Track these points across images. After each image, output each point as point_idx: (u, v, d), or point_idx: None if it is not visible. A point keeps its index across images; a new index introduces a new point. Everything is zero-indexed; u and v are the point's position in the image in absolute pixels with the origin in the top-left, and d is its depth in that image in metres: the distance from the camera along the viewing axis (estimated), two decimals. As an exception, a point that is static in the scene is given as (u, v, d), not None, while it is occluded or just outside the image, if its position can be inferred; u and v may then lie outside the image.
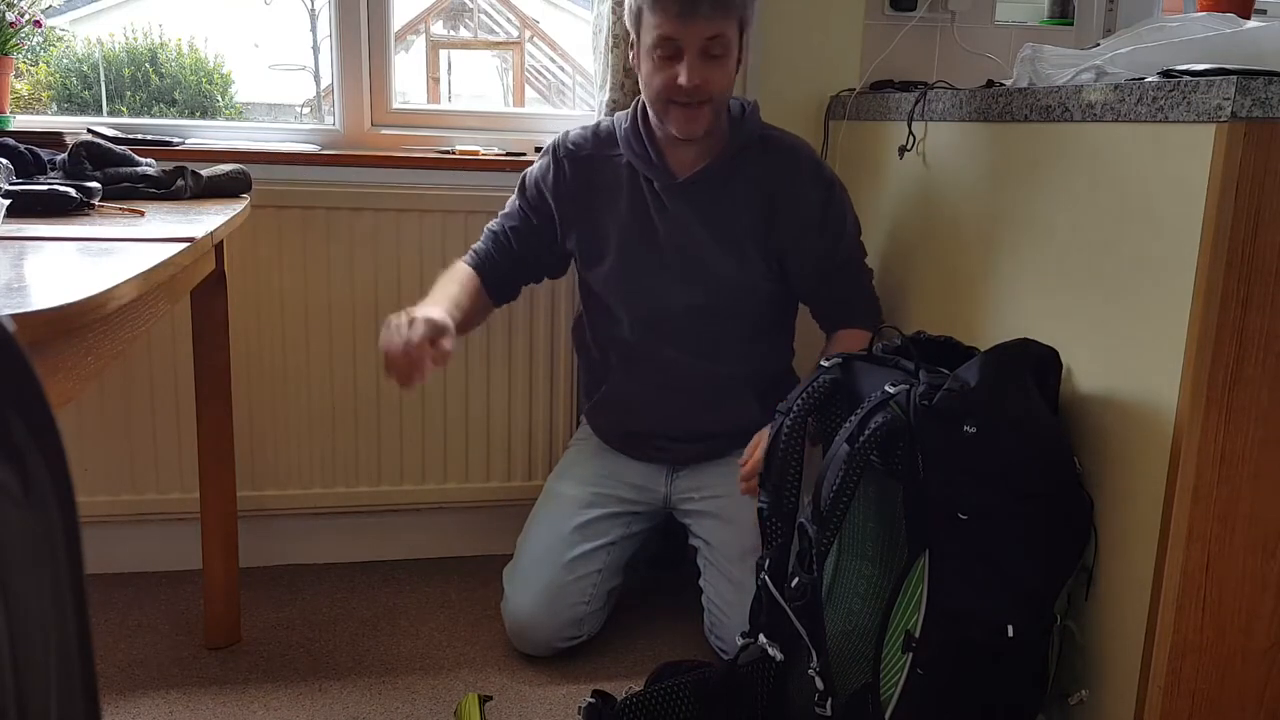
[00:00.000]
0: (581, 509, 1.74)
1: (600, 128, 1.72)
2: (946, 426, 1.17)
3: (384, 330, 1.43)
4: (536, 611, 1.68)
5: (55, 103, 2.54)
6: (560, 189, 1.70)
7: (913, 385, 1.22)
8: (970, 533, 1.17)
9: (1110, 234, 1.24)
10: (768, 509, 1.37)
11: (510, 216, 1.75)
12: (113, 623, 1.79)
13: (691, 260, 1.65)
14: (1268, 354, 1.11)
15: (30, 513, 0.40)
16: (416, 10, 3.13)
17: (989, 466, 1.17)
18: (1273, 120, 1.04)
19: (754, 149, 1.65)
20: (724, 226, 1.64)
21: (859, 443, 1.20)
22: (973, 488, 1.17)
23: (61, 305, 0.73)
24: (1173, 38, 1.29)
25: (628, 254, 1.67)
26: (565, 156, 1.70)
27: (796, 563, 1.26)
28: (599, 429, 1.84)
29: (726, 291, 1.67)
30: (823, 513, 1.22)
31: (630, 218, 1.67)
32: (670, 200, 1.64)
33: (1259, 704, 1.20)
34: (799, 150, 1.68)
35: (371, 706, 1.57)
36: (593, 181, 1.69)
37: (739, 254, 1.65)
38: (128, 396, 1.90)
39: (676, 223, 1.64)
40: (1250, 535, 1.15)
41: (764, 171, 1.65)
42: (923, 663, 1.17)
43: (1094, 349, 1.27)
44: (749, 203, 1.64)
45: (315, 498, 2.01)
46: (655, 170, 1.64)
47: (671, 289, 1.67)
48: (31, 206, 1.27)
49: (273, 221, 1.89)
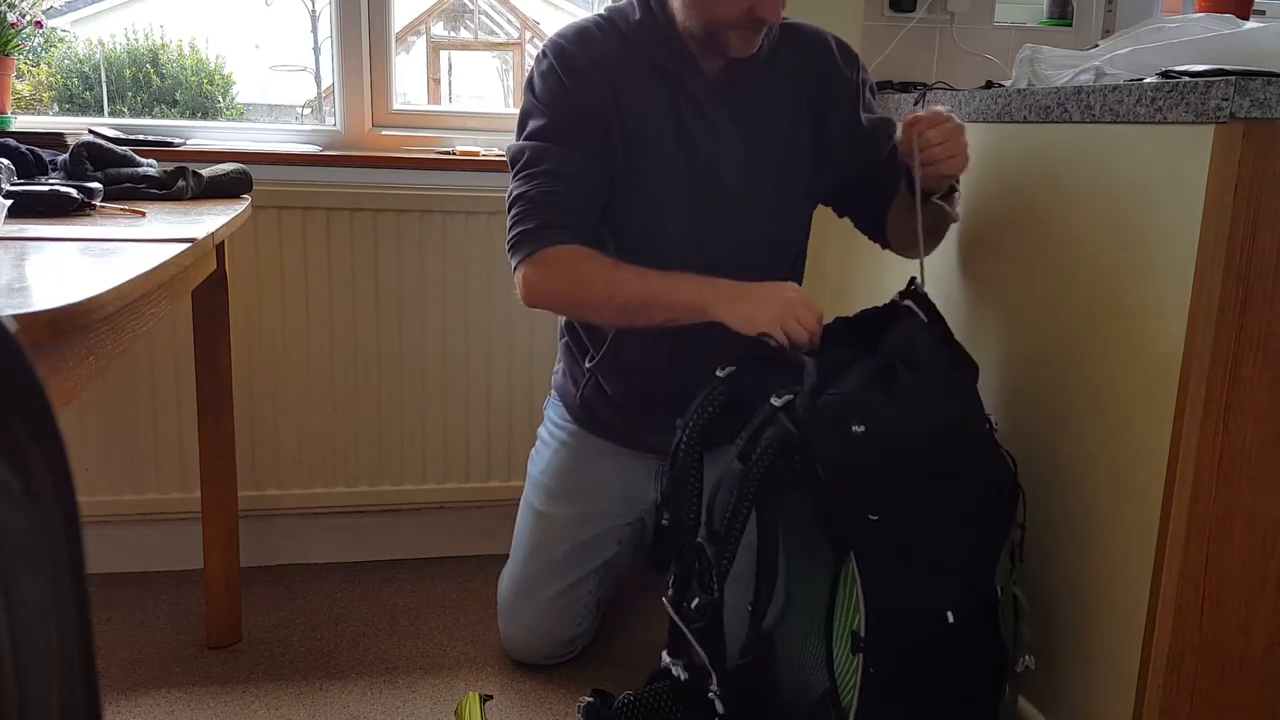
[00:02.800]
0: (570, 533, 1.66)
1: (603, 23, 1.44)
2: (835, 431, 1.15)
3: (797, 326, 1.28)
4: (530, 639, 1.68)
5: (56, 103, 2.54)
6: (598, 105, 1.39)
7: (797, 393, 1.19)
8: (885, 530, 1.14)
9: (1109, 234, 1.24)
10: (668, 527, 1.33)
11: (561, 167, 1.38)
12: (114, 622, 1.79)
13: (733, 177, 1.44)
14: (1266, 354, 1.11)
15: (31, 512, 0.40)
16: (417, 11, 3.13)
17: (886, 461, 1.15)
18: (1271, 121, 1.05)
19: (779, 43, 1.47)
20: (767, 130, 1.45)
21: (751, 460, 1.18)
22: (876, 485, 1.15)
23: (63, 306, 0.73)
24: (1171, 38, 1.29)
25: (667, 176, 1.42)
26: (590, 65, 1.39)
27: (696, 583, 1.22)
28: (594, 413, 1.63)
29: (769, 213, 1.47)
30: (719, 533, 1.19)
31: (665, 130, 1.41)
32: (706, 104, 1.42)
33: (1258, 703, 1.20)
34: (820, 33, 1.52)
35: (372, 706, 1.58)
36: (620, 91, 1.40)
37: (783, 158, 1.47)
38: (129, 396, 1.90)
39: (716, 131, 1.43)
40: (1249, 535, 1.15)
41: (798, 61, 1.47)
42: (873, 662, 1.15)
43: (1093, 349, 1.27)
44: (789, 102, 1.46)
45: (316, 498, 2.01)
46: (687, 71, 1.40)
47: (715, 214, 1.44)
48: (33, 207, 1.27)
49: (274, 222, 1.89)
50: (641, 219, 1.44)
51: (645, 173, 1.42)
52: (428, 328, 1.99)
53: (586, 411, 1.65)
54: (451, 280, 1.98)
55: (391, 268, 1.95)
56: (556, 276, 1.38)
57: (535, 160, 1.38)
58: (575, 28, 1.44)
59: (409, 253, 1.95)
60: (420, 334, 1.99)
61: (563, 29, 1.45)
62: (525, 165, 1.40)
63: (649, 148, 1.41)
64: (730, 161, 1.44)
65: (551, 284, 1.39)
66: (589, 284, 1.37)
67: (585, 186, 1.38)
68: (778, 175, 1.48)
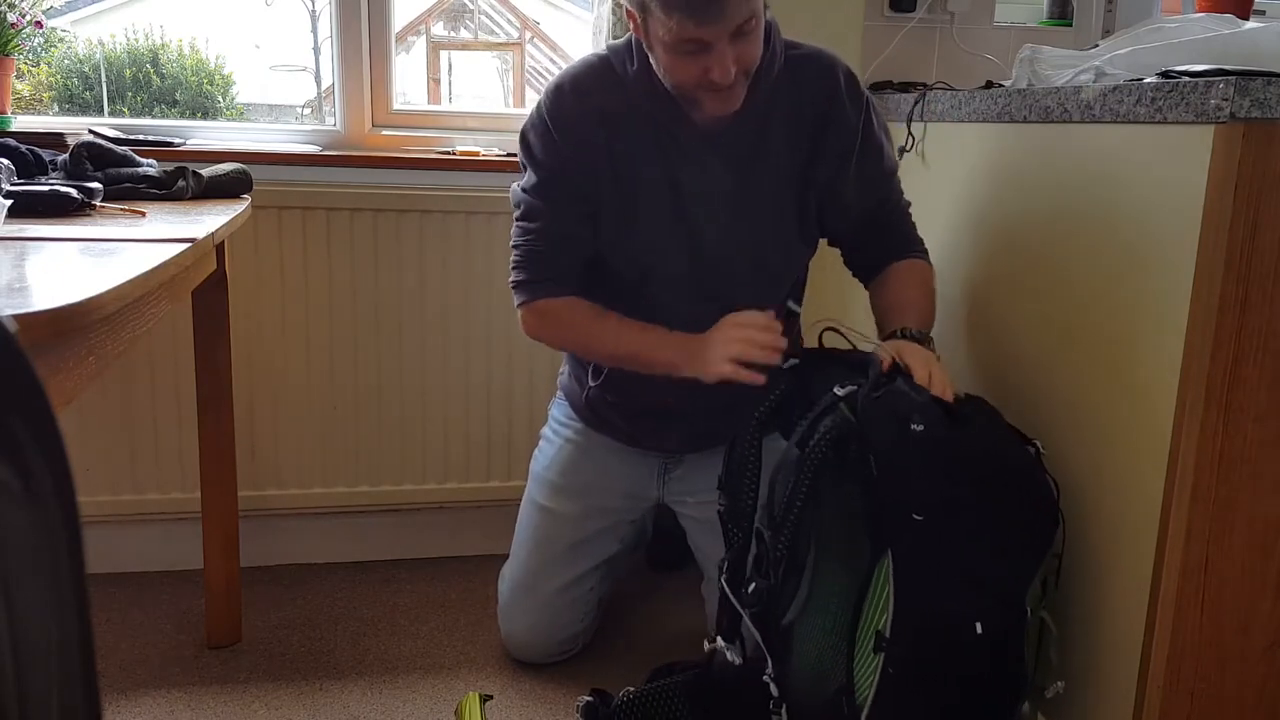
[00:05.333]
0: (573, 528, 1.67)
1: (600, 69, 1.46)
2: (894, 426, 1.15)
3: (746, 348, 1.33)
4: (531, 637, 1.68)
5: (56, 103, 2.54)
6: (587, 161, 1.44)
7: (860, 385, 1.20)
8: (928, 531, 1.14)
9: (1108, 234, 1.24)
10: (725, 512, 1.34)
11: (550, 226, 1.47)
12: (114, 622, 1.79)
13: (728, 223, 1.46)
14: (1266, 354, 1.11)
15: (32, 512, 0.40)
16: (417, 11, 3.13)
17: (940, 463, 1.15)
18: (1271, 121, 1.04)
19: (783, 78, 1.44)
20: (763, 171, 1.46)
21: (809, 447, 1.18)
22: (926, 486, 1.15)
23: (63, 306, 0.73)
24: (1171, 38, 1.29)
25: (660, 225, 1.46)
26: (582, 119, 1.43)
27: (754, 568, 1.23)
28: (599, 413, 1.65)
29: (762, 250, 1.49)
30: (776, 519, 1.20)
31: (658, 181, 1.45)
32: (698, 152, 1.44)
33: (1258, 703, 1.20)
34: (832, 70, 1.46)
35: (371, 706, 1.58)
36: (614, 143, 1.44)
37: (777, 206, 1.48)
38: (129, 396, 1.90)
39: (708, 177, 1.44)
40: (1249, 534, 1.15)
41: (801, 101, 1.45)
42: (893, 662, 1.15)
43: (1092, 349, 1.27)
44: (789, 144, 1.45)
45: (316, 498, 2.01)
46: (679, 123, 1.42)
47: (710, 260, 1.48)
48: (33, 207, 1.27)
49: (274, 222, 1.89)
50: (638, 264, 1.49)
51: (639, 221, 1.46)
52: (428, 328, 1.99)
53: (592, 411, 1.66)
54: (451, 280, 1.98)
55: (391, 268, 1.95)
56: (546, 325, 1.54)
57: (528, 216, 1.49)
58: (575, 76, 1.46)
59: (409, 253, 1.95)
60: (420, 334, 1.99)
61: (566, 74, 1.47)
62: (520, 218, 1.51)
63: (641, 198, 1.45)
64: (721, 206, 1.46)
65: (542, 331, 1.55)
66: (570, 336, 1.55)
67: (571, 244, 1.49)
68: (773, 216, 1.48)
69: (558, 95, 1.45)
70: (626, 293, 1.50)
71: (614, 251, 1.49)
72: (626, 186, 1.46)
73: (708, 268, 1.49)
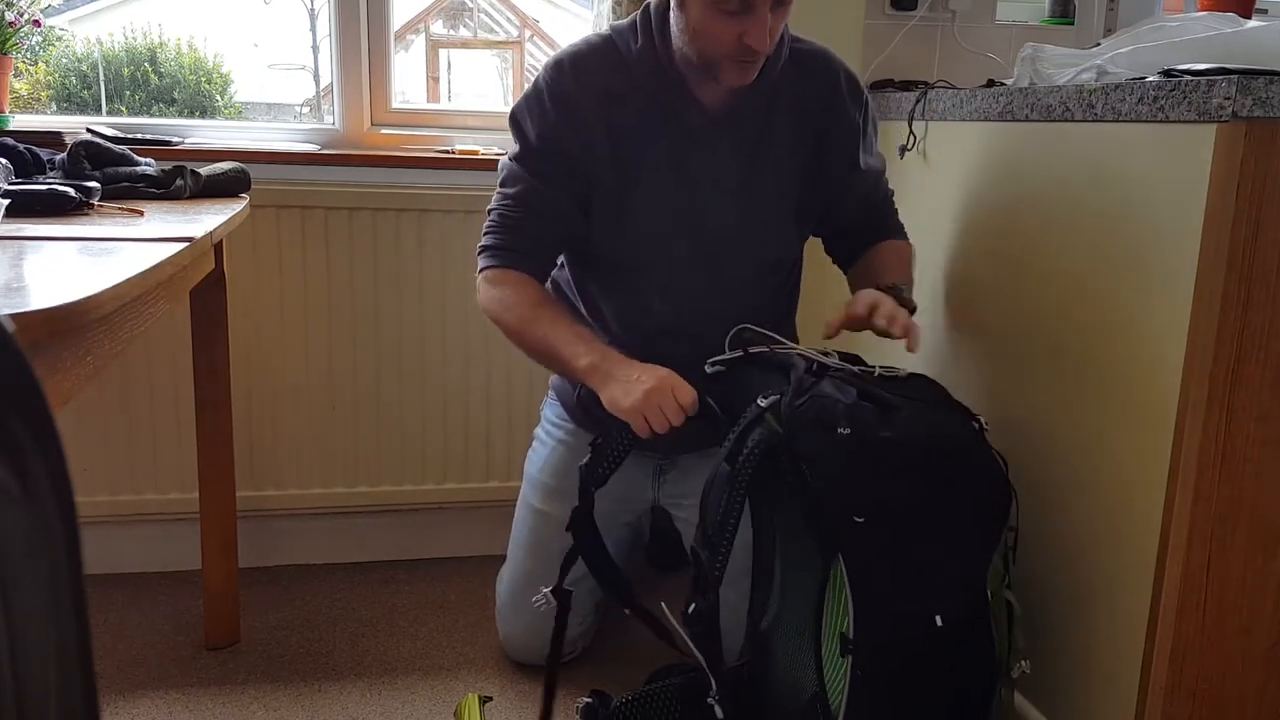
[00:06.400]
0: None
1: (603, 48, 1.44)
2: (820, 433, 1.14)
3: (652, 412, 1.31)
4: (530, 639, 1.66)
5: (54, 102, 2.53)
6: (580, 140, 1.42)
7: (783, 394, 1.19)
8: (872, 532, 1.13)
9: (1110, 233, 1.24)
10: None
11: (529, 193, 1.44)
12: (112, 623, 1.79)
13: (730, 207, 1.46)
14: (1268, 354, 1.11)
15: (29, 512, 0.40)
16: (416, 10, 3.13)
17: (871, 463, 1.14)
18: (1273, 120, 1.04)
19: (788, 69, 1.45)
20: (766, 158, 1.46)
21: (739, 462, 1.17)
22: (861, 487, 1.14)
23: (61, 305, 0.73)
24: (1173, 37, 1.29)
25: (663, 209, 1.45)
26: (582, 97, 1.41)
27: (692, 588, 1.21)
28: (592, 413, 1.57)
29: (763, 234, 1.49)
30: (711, 538, 1.18)
31: (661, 163, 1.43)
32: (704, 135, 1.43)
33: (1260, 704, 1.20)
34: (833, 66, 1.49)
35: (371, 706, 1.57)
36: (615, 124, 1.42)
37: (779, 194, 1.48)
38: (127, 396, 1.89)
39: (713, 161, 1.44)
40: (1251, 535, 1.15)
41: (803, 95, 1.46)
42: (861, 664, 1.13)
43: (1094, 349, 1.27)
44: (794, 135, 1.46)
45: (315, 498, 2.01)
46: (686, 103, 1.41)
47: (711, 244, 1.47)
48: (31, 206, 1.27)
49: (272, 221, 1.89)
50: (634, 249, 1.47)
51: (640, 205, 1.44)
52: (427, 328, 1.99)
53: (585, 411, 1.64)
54: (451, 280, 1.97)
55: (390, 267, 1.95)
56: (490, 297, 1.46)
57: (509, 181, 1.46)
58: (576, 53, 1.44)
59: (408, 252, 1.95)
60: (419, 334, 1.99)
61: (566, 50, 1.46)
62: (502, 183, 1.48)
63: (644, 180, 1.44)
64: (727, 191, 1.46)
65: (487, 302, 1.47)
66: (505, 314, 1.45)
67: (547, 219, 1.44)
68: (776, 203, 1.49)
69: (557, 70, 1.43)
70: (619, 275, 1.48)
71: (608, 231, 1.46)
72: (627, 166, 1.44)
73: (710, 250, 1.47)
